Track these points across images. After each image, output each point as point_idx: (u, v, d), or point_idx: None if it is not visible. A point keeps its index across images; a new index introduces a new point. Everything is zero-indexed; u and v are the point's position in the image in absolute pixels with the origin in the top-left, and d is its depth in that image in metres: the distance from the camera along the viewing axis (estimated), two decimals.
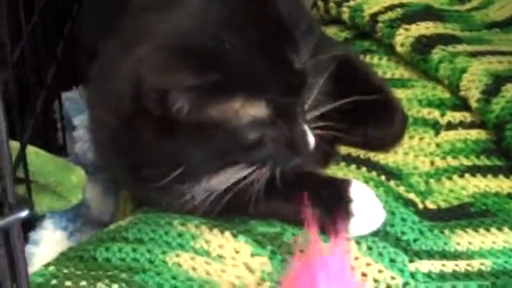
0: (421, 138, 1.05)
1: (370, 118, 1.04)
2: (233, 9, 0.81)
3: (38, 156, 0.93)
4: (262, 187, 0.88)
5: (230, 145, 0.82)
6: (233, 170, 0.86)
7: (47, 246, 0.95)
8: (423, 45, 1.15)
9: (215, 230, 0.89)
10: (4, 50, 0.84)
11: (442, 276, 0.87)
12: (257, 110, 0.80)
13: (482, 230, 0.92)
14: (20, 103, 0.96)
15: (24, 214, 0.51)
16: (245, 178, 0.86)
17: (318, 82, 0.92)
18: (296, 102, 0.84)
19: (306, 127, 0.85)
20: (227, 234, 0.89)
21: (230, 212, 0.92)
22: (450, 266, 0.88)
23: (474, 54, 1.12)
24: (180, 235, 0.88)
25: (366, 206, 0.88)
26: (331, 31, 1.34)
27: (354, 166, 1.01)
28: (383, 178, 0.99)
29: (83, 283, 0.80)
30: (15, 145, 0.91)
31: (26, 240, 0.95)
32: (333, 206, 0.88)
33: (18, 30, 0.98)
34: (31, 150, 0.93)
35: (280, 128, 0.83)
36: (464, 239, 0.91)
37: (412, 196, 0.97)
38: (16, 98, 0.88)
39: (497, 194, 0.97)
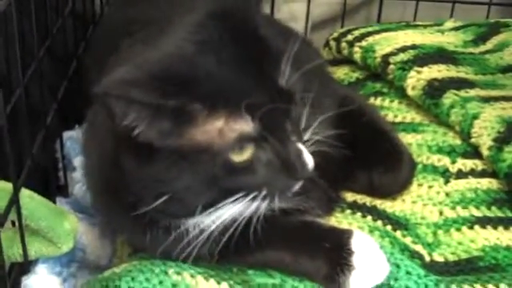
0: (430, 187, 1.01)
1: (376, 164, 1.01)
2: (209, 34, 0.79)
3: (32, 200, 0.91)
4: (260, 226, 0.84)
5: (218, 170, 0.77)
6: (229, 203, 0.80)
7: None
8: (435, 89, 1.12)
9: (211, 281, 0.86)
10: None
11: None
12: (242, 124, 0.76)
13: (490, 286, 0.88)
14: (18, 145, 0.94)
15: None
16: (242, 213, 0.82)
17: (321, 120, 0.90)
18: (284, 117, 0.79)
19: (301, 146, 0.80)
20: (224, 284, 0.86)
21: (227, 259, 0.89)
22: None
23: (486, 100, 1.09)
24: (175, 285, 0.85)
25: (369, 259, 0.85)
26: (343, 71, 1.32)
27: (359, 214, 0.98)
28: (389, 227, 0.96)
29: None
30: (10, 187, 0.89)
31: (18, 285, 0.93)
32: (333, 257, 0.85)
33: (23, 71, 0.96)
34: (26, 193, 0.91)
35: (271, 147, 0.78)
36: None
37: (419, 248, 0.94)
38: (8, 141, 0.86)
39: (508, 248, 0.93)
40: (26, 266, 0.94)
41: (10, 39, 0.96)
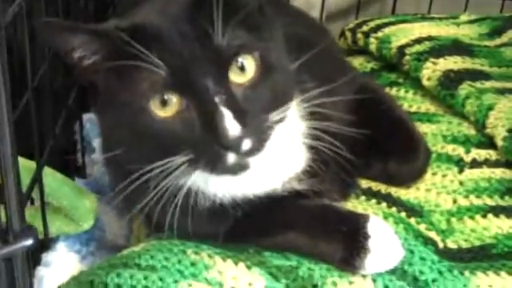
0: (444, 175, 1.02)
1: (392, 152, 1.02)
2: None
3: (54, 178, 0.93)
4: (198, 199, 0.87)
5: (146, 123, 0.79)
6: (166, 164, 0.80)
7: (59, 268, 0.94)
8: (450, 80, 1.13)
9: (229, 261, 0.87)
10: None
11: None
12: (155, 73, 0.77)
13: (503, 273, 0.89)
14: (39, 124, 0.95)
15: (28, 242, 0.49)
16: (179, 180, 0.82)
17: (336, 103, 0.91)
18: (205, 74, 0.77)
19: (226, 111, 0.77)
20: (241, 265, 0.87)
21: (243, 239, 0.91)
22: None
23: (502, 91, 1.10)
24: (193, 264, 0.87)
25: (384, 243, 0.86)
26: (358, 62, 1.33)
27: (374, 201, 0.99)
28: (403, 214, 0.97)
29: None
30: (32, 165, 0.91)
31: (37, 261, 0.94)
32: (350, 240, 0.86)
33: (41, 52, 0.98)
34: (48, 171, 0.93)
35: (194, 106, 0.78)
36: (484, 282, 0.88)
37: (432, 234, 0.95)
38: (35, 119, 0.88)
39: None
40: (46, 243, 0.96)
41: (34, 20, 0.97)
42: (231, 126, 0.77)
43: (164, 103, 0.79)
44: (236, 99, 0.79)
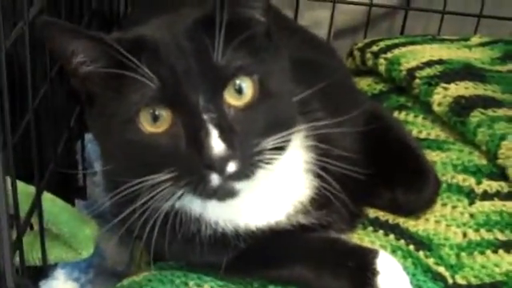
0: (454, 207, 0.99)
1: (400, 181, 0.99)
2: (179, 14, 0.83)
3: (53, 204, 0.90)
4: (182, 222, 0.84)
5: (132, 134, 0.77)
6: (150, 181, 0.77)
7: None
8: (462, 106, 1.10)
9: None
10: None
11: None
12: (145, 85, 0.76)
13: None
14: (39, 146, 0.93)
15: None
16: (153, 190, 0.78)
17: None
18: (196, 89, 0.75)
19: (213, 129, 0.75)
20: None
21: (249, 272, 0.89)
22: None
23: None
24: None
25: (393, 280, 0.84)
26: (366, 82, 1.30)
27: (381, 232, 0.97)
28: (412, 247, 0.94)
29: None
30: (31, 190, 0.89)
31: None
32: (358, 277, 0.84)
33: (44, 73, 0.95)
34: (48, 196, 0.91)
35: (182, 122, 0.76)
36: None
37: (442, 269, 0.92)
38: (35, 143, 0.85)
39: None
40: (44, 271, 0.93)
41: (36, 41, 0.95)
42: (216, 144, 0.74)
43: (155, 119, 0.77)
44: (226, 119, 0.76)
